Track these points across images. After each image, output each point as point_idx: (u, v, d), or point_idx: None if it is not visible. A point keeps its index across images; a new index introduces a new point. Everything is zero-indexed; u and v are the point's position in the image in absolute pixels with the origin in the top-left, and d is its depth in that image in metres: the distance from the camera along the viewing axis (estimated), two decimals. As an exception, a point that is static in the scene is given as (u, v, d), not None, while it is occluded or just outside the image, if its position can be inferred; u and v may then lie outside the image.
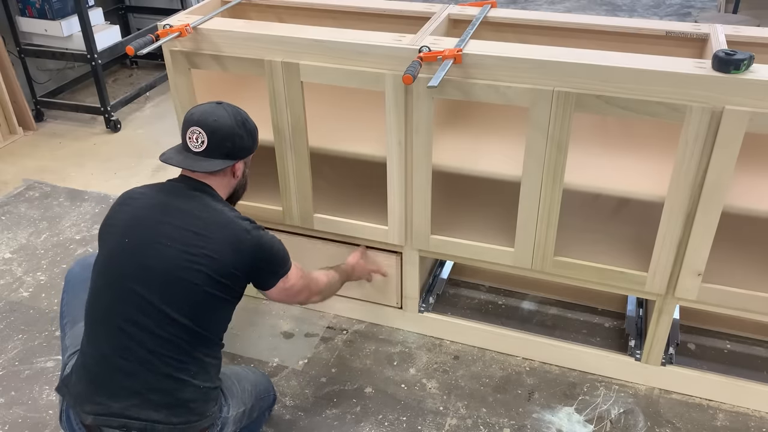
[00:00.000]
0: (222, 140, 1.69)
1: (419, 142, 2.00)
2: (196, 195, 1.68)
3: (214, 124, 1.68)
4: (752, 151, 1.94)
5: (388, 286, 2.39)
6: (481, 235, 2.19)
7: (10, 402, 2.18)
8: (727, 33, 2.01)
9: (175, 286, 1.58)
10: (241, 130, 1.72)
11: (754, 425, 2.08)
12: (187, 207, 1.65)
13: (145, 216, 1.64)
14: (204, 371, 1.63)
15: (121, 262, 1.61)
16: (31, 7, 3.83)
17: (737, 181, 1.92)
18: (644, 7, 6.11)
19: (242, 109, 1.78)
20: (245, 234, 1.65)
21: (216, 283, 1.61)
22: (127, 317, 1.57)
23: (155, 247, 1.59)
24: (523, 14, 2.25)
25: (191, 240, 1.60)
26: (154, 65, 4.77)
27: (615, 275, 2.04)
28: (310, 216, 2.29)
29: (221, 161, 1.70)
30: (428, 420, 2.11)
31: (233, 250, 1.62)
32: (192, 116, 1.70)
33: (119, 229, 1.65)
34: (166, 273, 1.58)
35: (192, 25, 2.07)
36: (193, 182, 1.71)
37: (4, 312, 2.57)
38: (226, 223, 1.64)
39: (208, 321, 1.63)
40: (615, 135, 2.26)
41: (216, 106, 1.72)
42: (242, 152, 1.75)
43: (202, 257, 1.59)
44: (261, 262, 1.70)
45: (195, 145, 1.68)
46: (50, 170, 3.57)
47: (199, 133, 1.67)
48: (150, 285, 1.57)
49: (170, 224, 1.61)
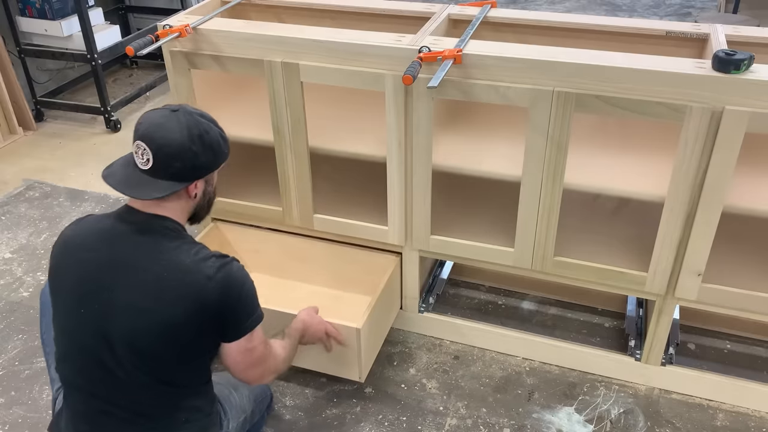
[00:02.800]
0: (169, 159, 1.40)
1: (419, 142, 2.00)
2: (145, 240, 1.42)
3: (160, 141, 1.39)
4: (752, 151, 1.95)
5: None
6: (481, 235, 2.19)
7: (10, 402, 2.18)
8: (727, 33, 2.01)
9: (139, 356, 1.41)
10: (196, 146, 1.42)
11: (754, 425, 2.08)
12: (136, 261, 1.40)
13: (95, 279, 1.42)
14: (197, 411, 1.53)
15: (80, 332, 1.45)
16: (31, 7, 3.82)
17: (737, 181, 1.92)
18: (644, 7, 6.11)
19: (206, 116, 1.49)
20: (206, 282, 1.39)
21: (179, 347, 1.42)
22: (99, 389, 1.46)
23: (110, 320, 1.40)
24: (523, 14, 2.25)
25: (145, 304, 1.38)
26: (154, 65, 4.77)
27: (615, 275, 2.04)
28: (310, 216, 2.29)
29: (168, 184, 1.42)
30: (428, 420, 2.11)
31: (194, 308, 1.38)
32: (140, 126, 1.43)
33: (70, 296, 1.45)
34: (128, 344, 1.40)
35: (192, 25, 2.07)
36: (141, 217, 1.45)
37: (4, 312, 2.57)
38: (182, 275, 1.39)
39: (183, 378, 1.48)
40: (615, 135, 2.26)
41: (168, 116, 1.42)
42: (198, 172, 1.45)
43: (157, 325, 1.38)
44: (226, 311, 1.43)
45: (141, 162, 1.42)
46: (50, 170, 3.57)
47: (144, 150, 1.40)
48: (114, 356, 1.41)
49: (121, 288, 1.40)
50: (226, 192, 2.42)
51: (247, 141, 2.31)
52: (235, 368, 1.52)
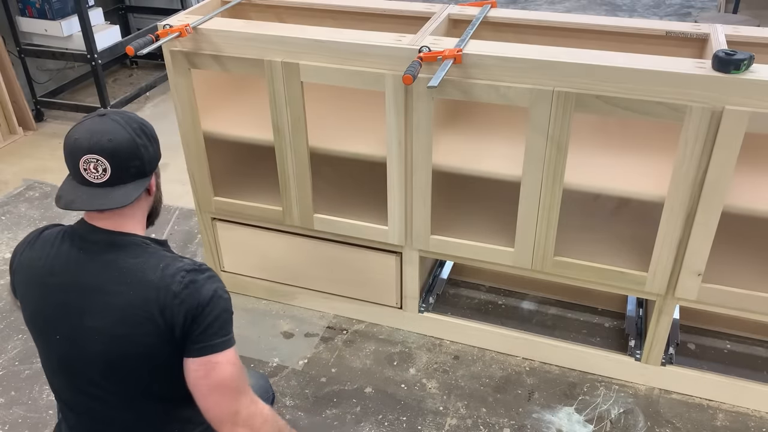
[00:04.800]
0: (127, 160, 1.35)
1: (419, 142, 2.00)
2: (110, 259, 1.37)
3: (110, 145, 1.33)
4: (752, 151, 1.95)
5: (388, 286, 2.39)
6: (481, 235, 2.19)
7: (10, 402, 2.18)
8: (727, 33, 2.01)
9: (117, 378, 1.38)
10: (142, 140, 1.38)
11: (754, 425, 2.08)
12: (102, 284, 1.35)
13: (63, 304, 1.37)
14: (190, 422, 1.49)
15: (58, 357, 1.41)
16: (31, 7, 3.83)
17: (737, 181, 1.92)
18: (644, 7, 6.11)
19: (127, 111, 1.46)
20: (172, 301, 1.33)
21: (156, 366, 1.38)
22: (88, 409, 1.43)
23: (83, 345, 1.36)
24: (523, 14, 2.25)
25: (116, 330, 1.34)
26: (154, 65, 4.78)
27: (615, 275, 2.04)
28: (310, 216, 2.29)
29: (134, 184, 1.37)
30: (428, 420, 2.11)
31: (164, 327, 1.33)
32: (77, 142, 1.34)
33: (43, 322, 1.41)
34: (104, 368, 1.37)
35: (192, 25, 2.07)
36: (102, 236, 1.38)
37: (4, 312, 2.57)
38: (148, 293, 1.33)
39: (167, 392, 1.43)
40: (615, 135, 2.26)
41: (102, 121, 1.37)
42: (152, 164, 1.42)
43: (130, 346, 1.34)
44: (194, 326, 1.34)
45: (96, 176, 1.34)
46: (50, 170, 3.57)
47: (97, 161, 1.33)
48: (92, 379, 1.38)
49: (90, 314, 1.35)
50: (226, 192, 2.42)
51: (247, 141, 2.31)
52: (196, 391, 1.35)
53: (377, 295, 2.43)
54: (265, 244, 2.45)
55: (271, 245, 2.44)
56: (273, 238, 2.43)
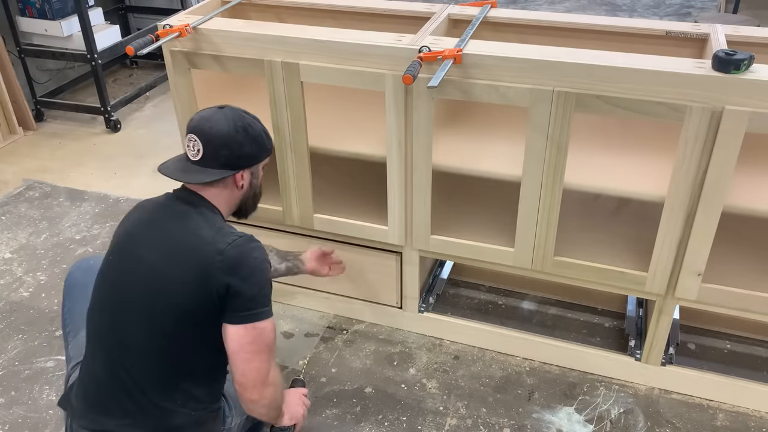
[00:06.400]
0: (218, 148, 1.56)
1: (419, 142, 2.00)
2: (184, 210, 1.57)
3: (209, 131, 1.56)
4: (752, 151, 1.94)
5: (388, 286, 2.39)
6: (481, 235, 2.19)
7: (10, 402, 2.18)
8: (727, 33, 2.01)
9: (146, 319, 1.51)
10: (240, 137, 1.58)
11: (754, 425, 2.08)
12: (164, 222, 1.55)
13: (133, 234, 1.58)
14: (194, 400, 1.58)
15: (110, 285, 1.58)
16: (31, 7, 3.83)
17: (737, 181, 1.92)
18: (644, 7, 6.11)
19: (249, 113, 1.65)
20: (215, 257, 1.48)
21: (180, 319, 1.50)
22: (117, 343, 1.55)
23: (130, 276, 1.53)
24: (523, 14, 2.25)
25: (160, 268, 1.50)
26: (154, 65, 4.77)
27: (615, 275, 2.04)
28: (310, 216, 2.29)
29: (217, 171, 1.57)
30: (428, 420, 2.11)
31: (200, 278, 1.47)
32: (190, 122, 1.60)
33: (114, 245, 1.61)
34: (138, 304, 1.52)
35: (192, 25, 2.07)
36: (187, 194, 1.60)
37: (4, 312, 2.57)
38: (197, 246, 1.50)
39: (185, 355, 1.54)
40: (615, 135, 2.26)
41: (215, 111, 1.60)
42: (243, 161, 1.61)
43: (168, 282, 1.49)
44: (231, 288, 1.48)
45: (192, 154, 1.58)
46: (50, 170, 3.57)
47: (195, 141, 1.56)
48: (129, 315, 1.53)
49: (148, 247, 1.53)
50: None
51: (247, 141, 2.31)
52: (238, 357, 1.51)
53: (377, 295, 2.43)
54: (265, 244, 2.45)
55: (271, 245, 2.44)
56: (273, 238, 2.43)
